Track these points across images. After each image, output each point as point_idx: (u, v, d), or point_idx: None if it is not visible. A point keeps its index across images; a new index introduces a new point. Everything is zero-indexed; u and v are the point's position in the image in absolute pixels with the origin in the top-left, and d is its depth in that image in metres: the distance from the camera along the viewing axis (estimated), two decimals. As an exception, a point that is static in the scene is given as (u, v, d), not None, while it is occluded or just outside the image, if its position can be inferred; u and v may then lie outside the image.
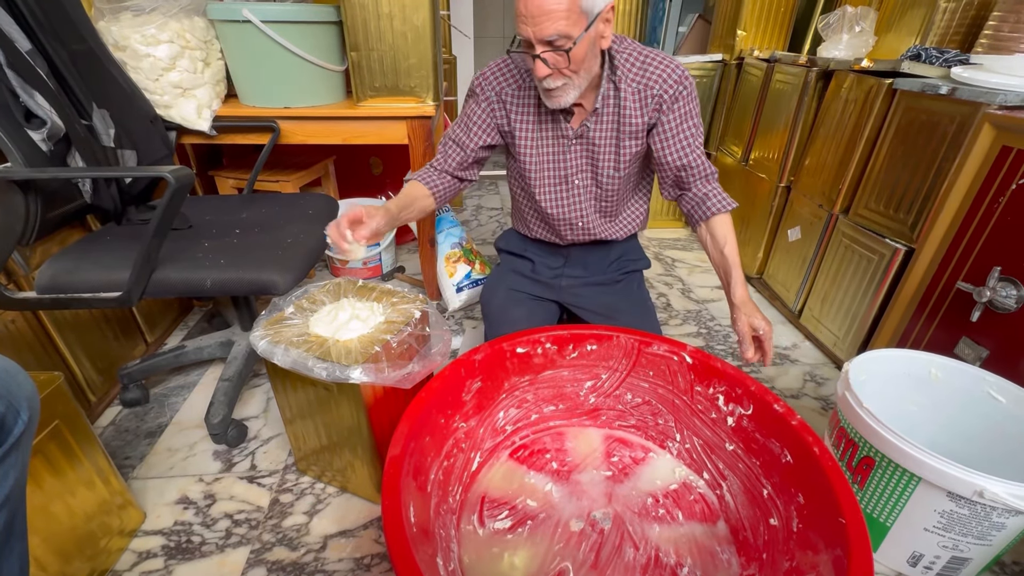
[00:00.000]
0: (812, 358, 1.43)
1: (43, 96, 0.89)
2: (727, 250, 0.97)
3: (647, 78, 0.95)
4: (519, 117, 1.01)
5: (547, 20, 0.79)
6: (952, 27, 1.33)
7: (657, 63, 0.95)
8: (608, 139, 1.00)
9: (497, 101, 1.01)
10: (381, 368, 0.80)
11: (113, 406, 1.20)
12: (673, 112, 0.96)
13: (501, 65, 1.01)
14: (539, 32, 0.80)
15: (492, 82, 1.01)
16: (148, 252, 0.87)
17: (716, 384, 0.91)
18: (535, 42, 0.82)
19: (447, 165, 1.06)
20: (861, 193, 1.29)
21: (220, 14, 1.23)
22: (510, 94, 1.00)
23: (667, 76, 0.95)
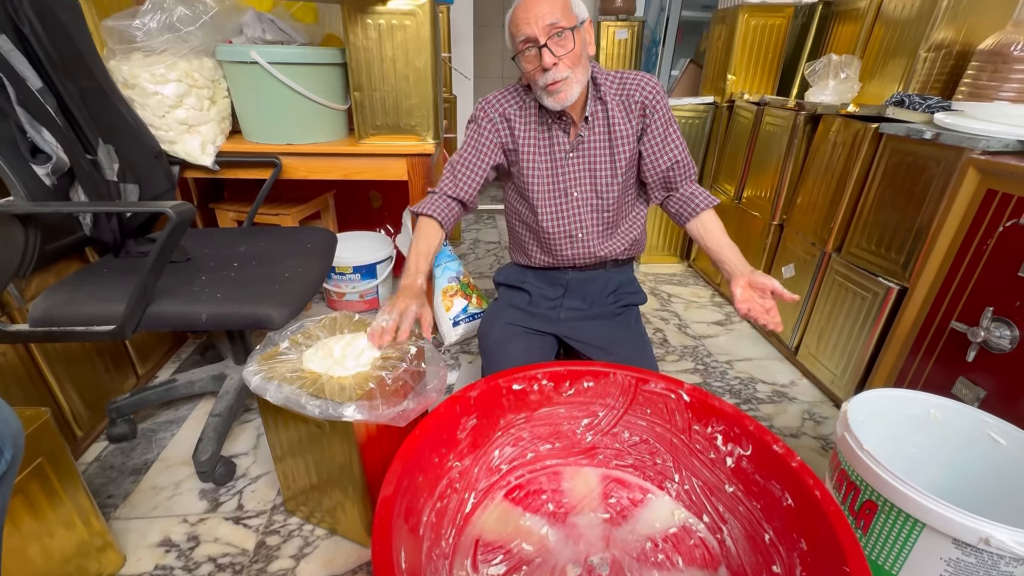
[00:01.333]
0: (810, 396, 1.42)
1: (50, 132, 0.91)
2: (719, 236, 1.04)
3: (627, 89, 1.04)
4: (522, 133, 1.08)
5: (547, 10, 0.91)
6: (933, 75, 1.38)
7: (632, 76, 1.05)
8: (602, 147, 1.07)
9: (501, 120, 1.08)
10: (375, 405, 0.79)
11: (99, 441, 1.17)
12: (657, 114, 1.04)
13: (501, 92, 1.10)
14: (540, 21, 0.91)
15: (495, 105, 1.08)
16: (144, 285, 0.87)
17: (714, 423, 0.90)
18: (539, 33, 0.91)
19: (457, 190, 1.08)
20: (852, 232, 1.31)
21: (228, 55, 1.27)
22: (513, 113, 1.07)
23: (644, 85, 1.04)
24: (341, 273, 1.69)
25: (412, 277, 0.99)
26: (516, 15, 0.94)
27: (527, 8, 0.92)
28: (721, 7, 2.00)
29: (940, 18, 1.31)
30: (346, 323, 0.99)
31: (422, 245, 1.03)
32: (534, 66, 0.95)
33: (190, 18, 1.22)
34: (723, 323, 1.80)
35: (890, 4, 1.46)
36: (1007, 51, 1.20)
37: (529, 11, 0.92)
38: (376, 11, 1.21)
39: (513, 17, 0.95)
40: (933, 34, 1.33)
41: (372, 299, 1.78)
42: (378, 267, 1.73)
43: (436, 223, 1.06)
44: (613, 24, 2.53)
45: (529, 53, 0.94)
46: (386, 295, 1.82)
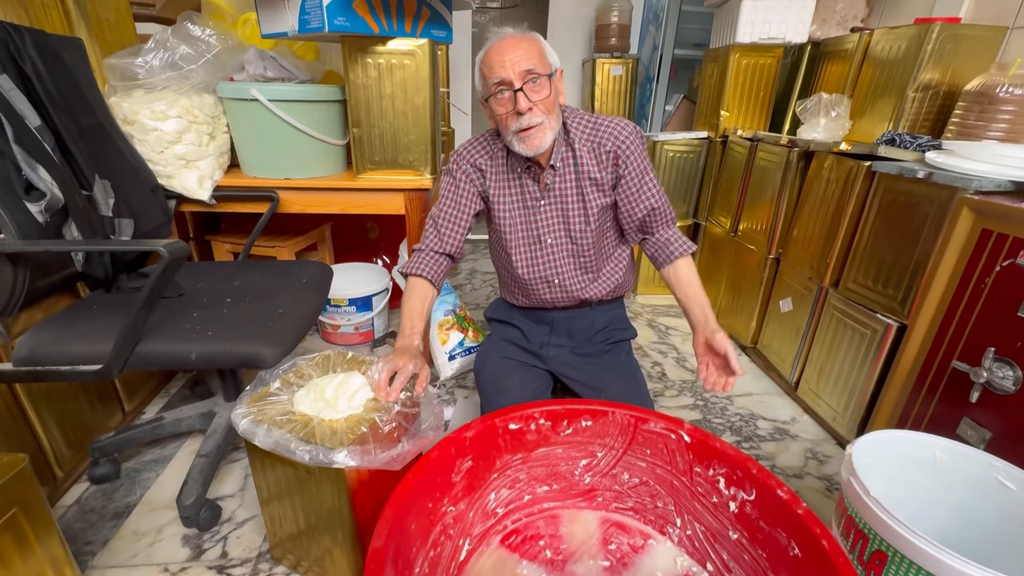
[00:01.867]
0: (812, 434, 1.39)
1: (46, 169, 0.90)
2: (691, 290, 1.03)
3: (599, 137, 1.03)
4: (494, 182, 1.08)
5: (524, 57, 0.91)
6: (921, 114, 1.41)
7: (606, 124, 1.03)
8: (573, 193, 1.06)
9: (474, 170, 1.08)
10: (368, 450, 0.77)
11: (81, 482, 1.13)
12: (631, 163, 1.03)
13: (471, 142, 1.09)
14: (517, 66, 0.90)
15: (466, 156, 1.08)
16: (134, 324, 0.85)
17: (716, 465, 0.87)
18: (514, 78, 0.91)
19: (443, 245, 1.08)
20: (849, 267, 1.31)
21: (229, 92, 1.28)
22: (484, 163, 1.08)
23: (617, 133, 1.02)
24: (336, 305, 1.67)
25: (408, 338, 0.97)
26: (490, 57, 0.93)
27: (503, 51, 0.91)
28: (713, 46, 2.06)
29: (926, 60, 1.35)
30: (339, 361, 0.98)
31: (416, 304, 1.03)
32: (507, 110, 0.94)
33: (193, 56, 1.24)
34: (722, 356, 1.78)
35: (877, 46, 1.50)
36: (993, 92, 1.22)
37: (505, 54, 0.91)
38: (376, 51, 1.23)
39: (486, 59, 0.94)
40: (920, 75, 1.36)
41: (367, 332, 1.76)
42: (374, 299, 1.72)
43: (427, 282, 1.05)
44: (608, 61, 2.60)
45: (502, 96, 0.93)
46: (381, 327, 1.80)
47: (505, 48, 0.91)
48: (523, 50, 0.91)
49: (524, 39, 0.93)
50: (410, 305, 1.03)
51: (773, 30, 1.79)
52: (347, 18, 1.12)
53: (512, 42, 0.92)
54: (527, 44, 0.92)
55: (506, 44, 0.92)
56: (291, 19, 1.17)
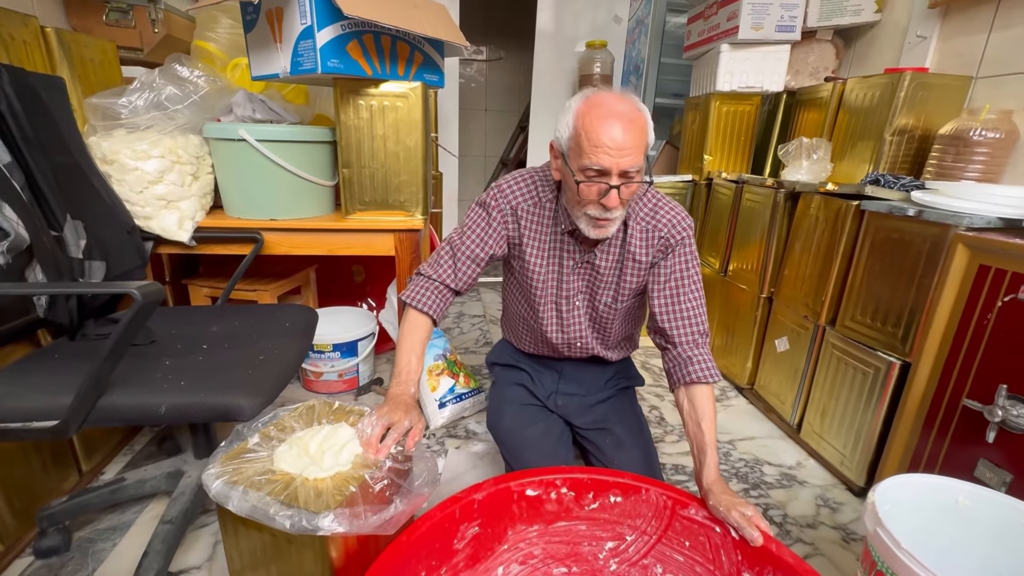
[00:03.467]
0: (820, 479, 1.33)
1: (12, 209, 0.85)
2: (704, 425, 0.89)
3: (657, 220, 0.97)
4: (531, 233, 1.00)
5: (631, 153, 0.80)
6: (900, 156, 1.46)
7: (667, 207, 0.97)
8: (611, 269, 1.00)
9: (511, 214, 1.00)
10: (358, 513, 0.69)
11: (24, 556, 1.00)
12: (676, 257, 0.96)
13: (516, 182, 1.01)
14: (622, 164, 0.80)
15: (508, 196, 1.00)
16: (98, 375, 0.77)
17: (770, 573, 0.75)
18: (615, 173, 0.81)
19: (457, 280, 0.99)
20: (845, 305, 1.30)
21: (216, 133, 1.26)
22: (526, 209, 0.99)
23: (676, 222, 0.96)
24: (320, 351, 1.59)
25: (404, 385, 0.90)
26: (595, 128, 0.79)
27: (612, 132, 0.79)
28: (693, 95, 2.14)
29: (900, 106, 1.41)
30: (325, 411, 0.90)
31: (417, 344, 0.94)
32: (591, 197, 0.85)
33: (179, 97, 1.21)
34: (719, 399, 1.74)
35: (851, 94, 1.57)
36: (967, 136, 1.27)
37: (615, 138, 0.79)
38: (368, 93, 1.23)
39: (589, 125, 0.80)
40: (895, 120, 1.42)
41: (352, 379, 1.67)
42: (360, 344, 1.64)
43: (430, 319, 0.97)
44: (591, 109, 2.68)
45: (592, 182, 0.83)
46: (367, 373, 1.72)
47: (615, 129, 0.79)
48: (633, 139, 0.80)
49: (636, 121, 0.81)
50: (410, 343, 0.93)
51: (751, 79, 1.87)
52: (340, 60, 1.11)
53: (626, 123, 0.79)
54: (638, 132, 0.81)
55: (617, 123, 0.79)
56: (283, 61, 1.16)
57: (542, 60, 2.90)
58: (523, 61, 3.78)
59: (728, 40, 1.82)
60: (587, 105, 0.82)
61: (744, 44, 1.82)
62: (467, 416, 1.56)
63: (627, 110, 0.81)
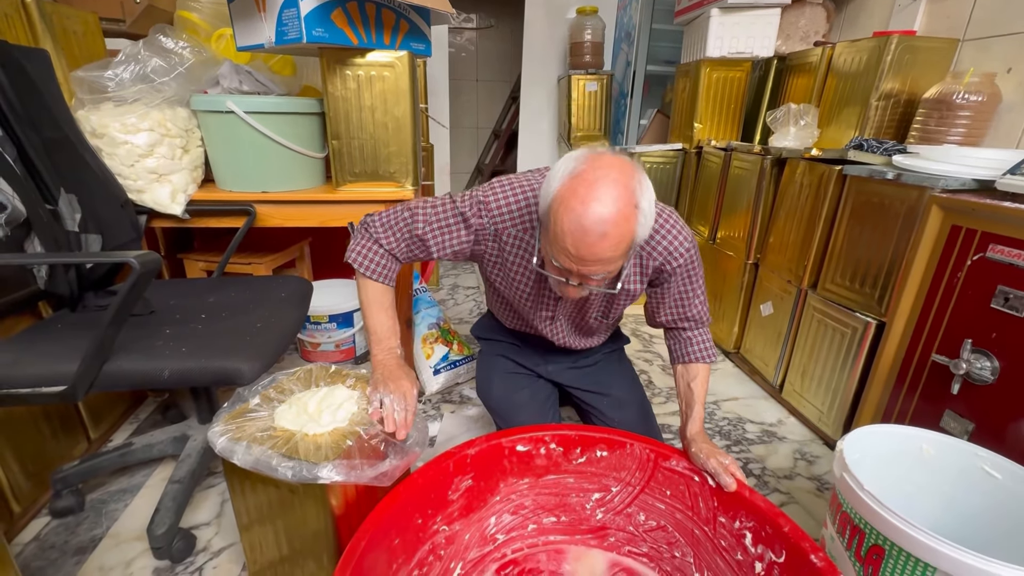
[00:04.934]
0: (799, 435, 1.40)
1: (7, 182, 0.86)
2: (695, 385, 0.95)
3: (652, 247, 0.89)
4: (515, 258, 0.94)
5: (598, 265, 0.73)
6: (885, 121, 1.47)
7: (665, 233, 0.88)
8: (600, 296, 0.98)
9: (493, 239, 0.92)
10: (354, 465, 0.73)
11: (41, 516, 1.05)
12: (674, 283, 0.94)
13: (508, 199, 0.89)
14: (587, 273, 0.74)
15: (495, 216, 0.90)
16: (102, 341, 0.81)
17: (743, 518, 0.81)
18: (575, 274, 0.75)
19: (405, 256, 0.94)
20: (826, 269, 1.34)
21: (204, 105, 1.26)
22: (512, 235, 0.92)
23: (672, 249, 0.89)
24: (316, 322, 1.63)
25: (385, 344, 0.90)
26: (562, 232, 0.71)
27: (578, 245, 0.70)
28: (684, 62, 2.12)
29: (886, 71, 1.41)
30: (322, 375, 0.94)
31: (386, 304, 0.92)
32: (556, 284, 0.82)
33: (165, 69, 1.21)
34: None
35: (840, 59, 1.57)
36: (950, 99, 1.28)
37: (580, 252, 0.71)
38: (355, 63, 1.23)
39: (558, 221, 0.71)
40: (882, 85, 1.42)
41: (348, 349, 1.72)
42: (355, 315, 1.68)
43: (388, 288, 0.94)
44: (583, 77, 2.65)
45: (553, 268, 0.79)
46: (363, 344, 1.76)
47: (582, 242, 0.70)
48: (603, 254, 0.70)
49: (611, 237, 0.69)
50: (378, 303, 0.91)
51: (741, 45, 1.86)
52: (325, 29, 1.11)
53: (596, 238, 0.69)
54: (612, 246, 0.70)
55: (588, 236, 0.69)
56: (267, 31, 1.16)
57: (533, 28, 2.85)
58: (514, 29, 3.70)
59: (718, 4, 1.80)
60: (568, 190, 0.70)
61: (734, 8, 1.80)
62: (461, 382, 1.61)
63: (607, 216, 0.68)
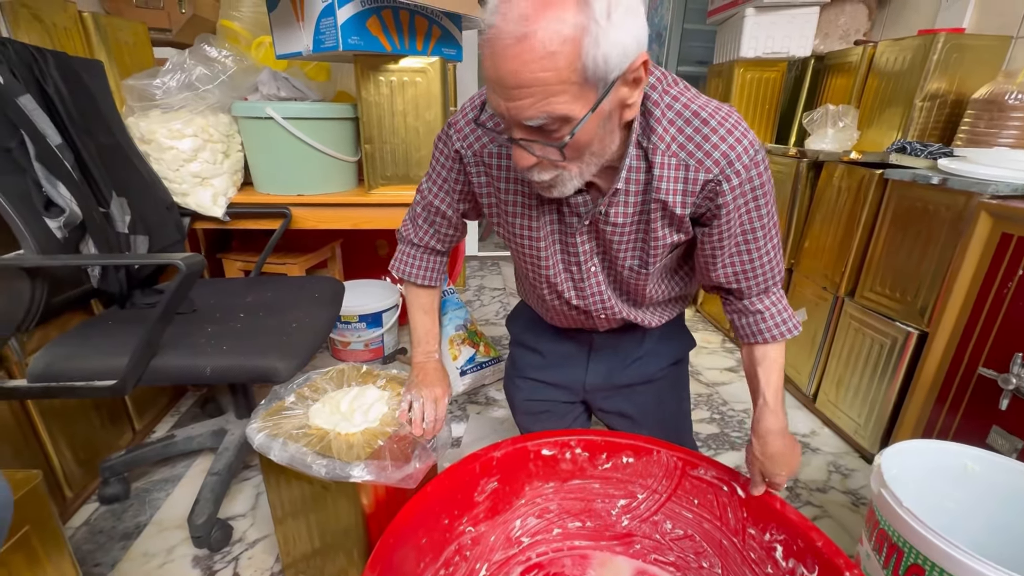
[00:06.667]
0: (833, 446, 1.36)
1: (66, 186, 0.91)
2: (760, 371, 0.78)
3: (701, 151, 0.64)
4: (508, 185, 0.72)
5: (529, 97, 0.51)
6: (930, 123, 1.41)
7: (721, 140, 0.63)
8: (632, 226, 0.71)
9: (475, 163, 0.72)
10: (384, 466, 0.75)
11: (90, 502, 1.11)
12: (734, 215, 0.67)
13: (474, 111, 0.69)
14: (518, 113, 0.53)
15: (468, 136, 0.71)
16: (150, 338, 0.85)
17: (774, 530, 0.78)
18: (511, 124, 0.55)
19: (441, 242, 0.87)
20: (865, 276, 1.30)
21: (244, 111, 1.31)
22: (494, 153, 0.70)
23: (730, 160, 0.63)
24: (347, 322, 1.66)
25: (425, 347, 0.90)
26: (485, 60, 0.53)
27: (497, 62, 0.51)
28: (717, 62, 2.08)
29: (932, 70, 1.35)
30: (354, 375, 0.96)
31: (428, 307, 0.91)
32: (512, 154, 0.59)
33: (208, 77, 1.26)
34: (735, 369, 1.76)
35: (882, 58, 1.52)
36: (1002, 100, 1.23)
37: (500, 69, 0.51)
38: (388, 69, 1.26)
39: (485, 61, 0.53)
40: (927, 85, 1.37)
41: (377, 348, 1.75)
42: (384, 315, 1.71)
43: (425, 291, 0.92)
44: (612, 79, 2.64)
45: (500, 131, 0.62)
46: (391, 344, 1.79)
47: (500, 56, 0.50)
48: (526, 76, 0.50)
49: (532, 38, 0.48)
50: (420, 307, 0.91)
51: (776, 45, 1.82)
52: (361, 37, 1.14)
53: (510, 41, 0.49)
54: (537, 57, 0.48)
55: (501, 45, 0.50)
56: (305, 39, 1.19)
57: (562, 29, 2.85)
58: (543, 30, 3.70)
59: (753, 3, 1.76)
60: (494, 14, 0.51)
61: (771, 7, 1.76)
62: (487, 384, 1.62)
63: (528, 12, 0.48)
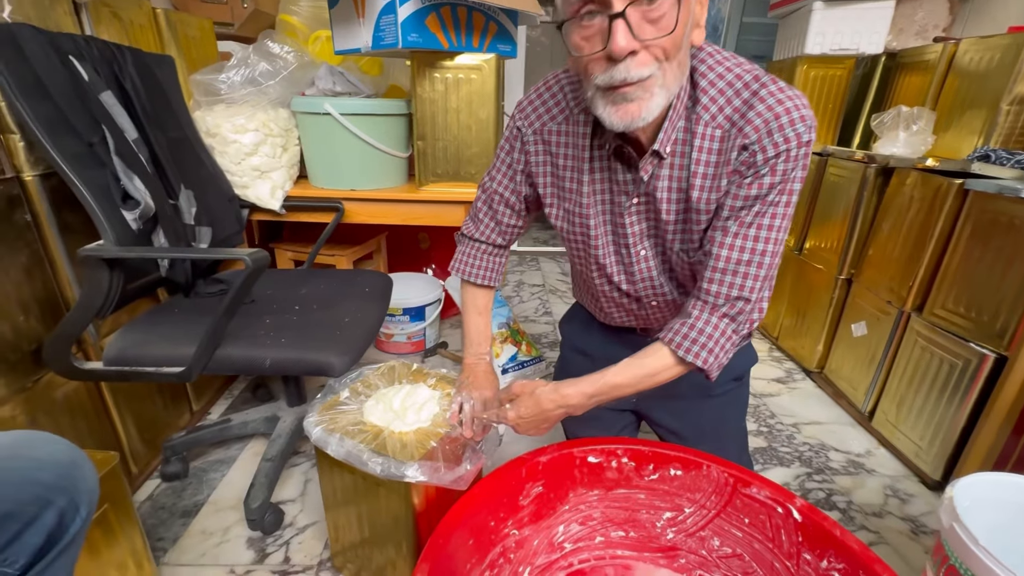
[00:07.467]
0: (890, 469, 1.29)
1: (141, 180, 0.95)
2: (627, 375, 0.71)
3: (746, 117, 0.60)
4: (567, 161, 0.72)
5: None
6: (1017, 129, 1.31)
7: (768, 108, 0.59)
8: (674, 203, 0.67)
9: (534, 142, 0.74)
10: (436, 467, 0.76)
11: (152, 478, 1.18)
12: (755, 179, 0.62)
13: (540, 90, 0.74)
14: None
15: (529, 114, 0.74)
16: (216, 329, 0.88)
17: (832, 558, 0.74)
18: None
19: (502, 235, 0.86)
20: (936, 292, 1.22)
21: (303, 107, 1.33)
22: (554, 130, 0.72)
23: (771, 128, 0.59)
24: (391, 315, 1.69)
25: (476, 348, 0.89)
26: None
27: None
28: (777, 58, 1.99)
29: (1022, 72, 1.25)
30: (404, 372, 0.98)
31: (483, 309, 0.90)
32: (592, 48, 0.55)
33: (271, 72, 1.29)
34: (784, 380, 1.70)
35: (964, 57, 1.41)
36: (1105, 105, 1.12)
37: None
38: (444, 66, 1.25)
39: None
40: (1016, 87, 1.27)
41: (419, 341, 1.77)
42: (427, 309, 1.73)
43: (483, 291, 0.91)
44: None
45: (590, 22, 0.54)
46: (433, 338, 1.81)
47: None
48: None
49: None
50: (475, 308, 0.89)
51: (845, 41, 1.72)
52: (420, 34, 1.14)
53: None
54: None
55: None
56: (365, 36, 1.20)
57: (612, 22, 2.78)
58: (591, 22, 3.62)
59: (823, -3, 1.67)
60: None
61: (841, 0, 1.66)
62: (527, 383, 1.62)
63: None
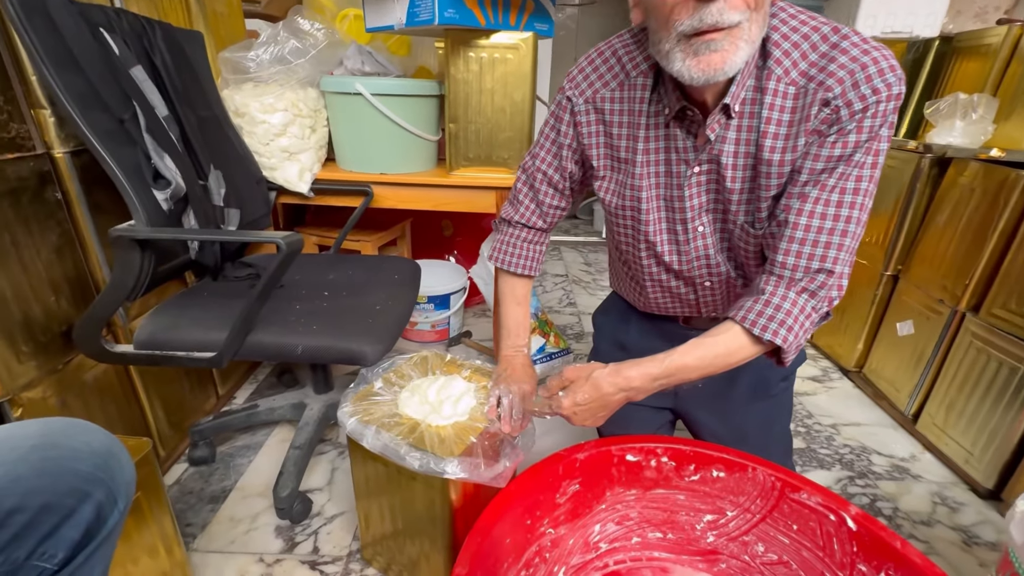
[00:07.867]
0: (937, 475, 1.23)
1: (172, 159, 0.93)
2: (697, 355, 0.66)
3: (822, 75, 0.56)
4: (621, 130, 0.70)
5: None
6: (1091, 118, 1.22)
7: (851, 60, 0.55)
8: (741, 170, 0.63)
9: (588, 111, 0.71)
10: (476, 464, 0.73)
11: (179, 462, 1.17)
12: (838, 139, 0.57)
13: (591, 58, 0.71)
14: None
15: (581, 84, 0.71)
16: (248, 315, 0.86)
17: (891, 570, 0.69)
18: None
19: (543, 217, 0.83)
20: (996, 291, 1.15)
21: (333, 87, 1.29)
22: (607, 97, 0.70)
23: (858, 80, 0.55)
24: (416, 302, 1.66)
25: (514, 340, 0.85)
26: None
27: None
28: (821, 42, 1.90)
29: (1101, 55, 1.16)
30: (438, 363, 0.95)
31: (521, 299, 0.87)
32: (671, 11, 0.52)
33: (300, 51, 1.25)
34: (821, 379, 1.64)
35: (1033, 40, 1.32)
36: None
37: None
38: (479, 44, 1.20)
39: None
40: (1092, 73, 1.18)
41: (443, 330, 1.74)
42: (452, 297, 1.70)
43: (524, 281, 0.87)
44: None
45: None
46: (456, 326, 1.78)
47: None
48: None
49: None
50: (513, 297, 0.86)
51: (898, 23, 1.62)
52: (456, 10, 1.09)
53: None
54: None
55: None
56: (399, 12, 1.15)
57: (643, 3, 2.69)
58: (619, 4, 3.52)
59: (876, -24, 1.57)
60: None
61: (896, -20, 1.57)
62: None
63: None
